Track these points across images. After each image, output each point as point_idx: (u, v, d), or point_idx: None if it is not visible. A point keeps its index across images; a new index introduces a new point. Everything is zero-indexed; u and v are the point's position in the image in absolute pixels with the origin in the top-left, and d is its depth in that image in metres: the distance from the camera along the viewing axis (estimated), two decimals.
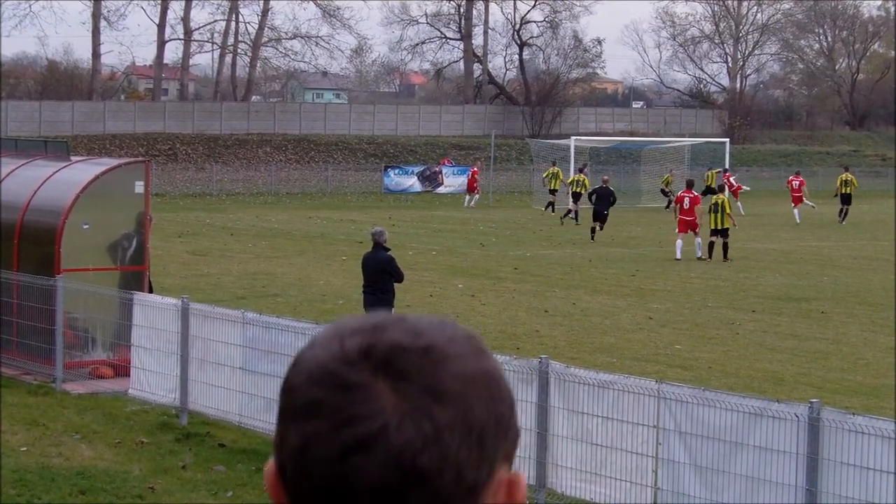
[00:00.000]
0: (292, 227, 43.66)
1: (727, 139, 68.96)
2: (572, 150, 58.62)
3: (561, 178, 53.75)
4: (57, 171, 19.57)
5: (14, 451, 13.94)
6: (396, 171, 66.99)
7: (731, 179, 51.78)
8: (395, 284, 18.65)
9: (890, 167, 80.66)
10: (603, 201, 42.20)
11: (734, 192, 49.84)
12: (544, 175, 55.64)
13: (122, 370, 17.37)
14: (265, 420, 14.78)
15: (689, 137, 74.21)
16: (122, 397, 16.71)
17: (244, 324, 15.07)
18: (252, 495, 12.67)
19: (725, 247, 34.74)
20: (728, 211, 35.13)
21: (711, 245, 34.88)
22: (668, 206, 54.06)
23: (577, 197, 48.85)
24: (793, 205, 50.09)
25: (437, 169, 67.81)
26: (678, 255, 34.84)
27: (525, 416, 12.18)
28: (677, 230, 35.63)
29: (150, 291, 18.77)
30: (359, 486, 1.37)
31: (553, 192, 53.64)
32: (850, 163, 72.57)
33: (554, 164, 55.64)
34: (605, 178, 45.16)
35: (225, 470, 13.48)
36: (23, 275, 18.33)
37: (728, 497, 10.76)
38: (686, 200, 35.73)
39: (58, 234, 18.43)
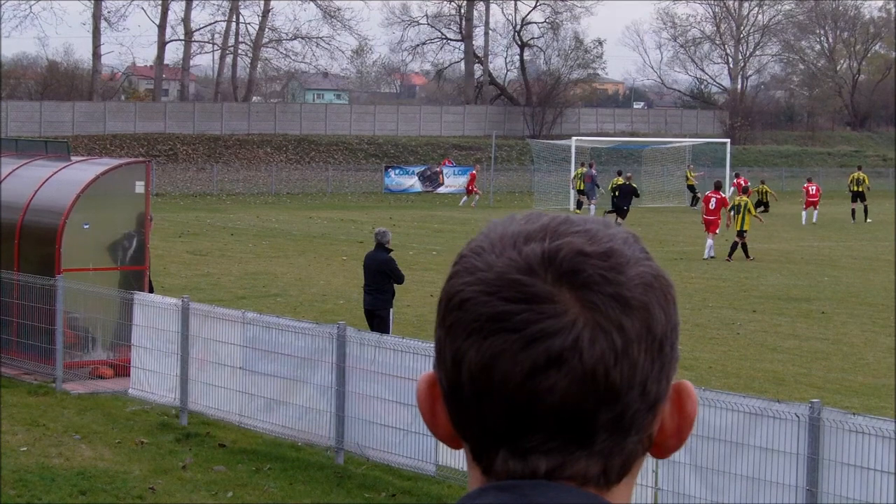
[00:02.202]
0: (293, 228, 43.65)
1: (728, 140, 68.96)
2: (573, 151, 58.63)
3: (596, 179, 54.68)
4: (57, 172, 19.57)
5: (14, 452, 13.94)
6: (397, 171, 66.97)
7: (739, 181, 51.93)
8: (396, 285, 18.70)
9: (890, 167, 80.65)
10: (625, 197, 43.26)
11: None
12: (573, 176, 55.94)
13: (122, 370, 17.37)
14: (265, 420, 14.79)
15: (689, 138, 74.24)
16: (122, 397, 16.70)
17: (244, 324, 15.06)
18: (252, 495, 12.66)
19: (741, 247, 34.94)
20: (754, 213, 35.41)
21: (735, 245, 35.10)
22: (692, 204, 54.96)
23: (581, 193, 50.21)
24: (804, 207, 50.33)
25: (437, 169, 67.80)
26: (710, 254, 35.27)
27: None
28: (705, 230, 36.17)
29: (151, 291, 18.76)
30: (549, 404, 1.31)
31: (581, 192, 54.33)
32: (852, 163, 72.57)
33: (583, 164, 56.13)
34: (629, 174, 46.65)
35: (225, 470, 13.47)
36: (23, 275, 18.33)
37: (728, 497, 10.75)
38: (713, 201, 36.20)
39: (58, 234, 18.43)
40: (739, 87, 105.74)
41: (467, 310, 1.33)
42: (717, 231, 35.57)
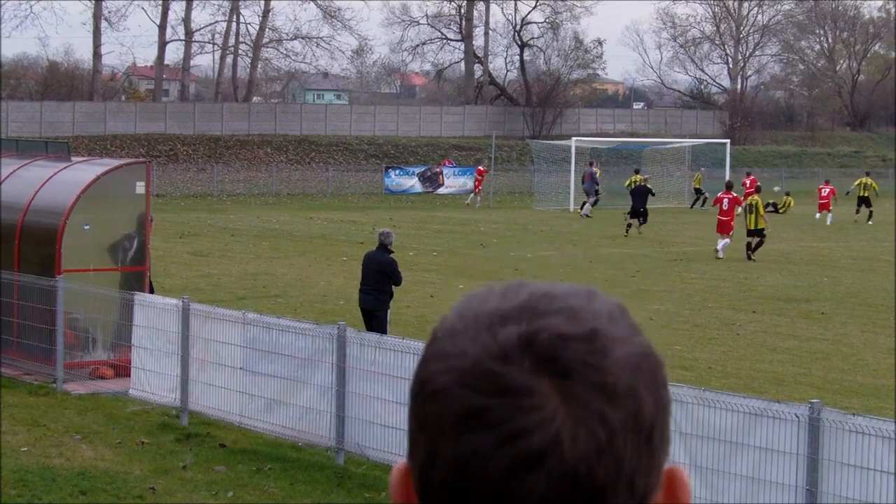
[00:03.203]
0: (293, 228, 43.66)
1: (728, 140, 69.00)
2: (573, 151, 58.65)
3: (597, 178, 55.25)
4: (58, 172, 19.58)
5: (15, 452, 13.95)
6: (397, 171, 66.97)
7: (747, 181, 52.13)
8: (394, 287, 18.71)
9: (890, 168, 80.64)
10: (638, 197, 43.37)
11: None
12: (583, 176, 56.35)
13: (122, 370, 17.38)
14: (266, 420, 14.80)
15: (689, 138, 74.26)
16: (122, 398, 16.71)
17: (245, 324, 15.08)
18: (253, 496, 12.68)
19: (759, 245, 35.04)
20: (762, 213, 35.48)
21: (749, 245, 35.17)
22: (701, 205, 55.89)
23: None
24: (818, 211, 51.17)
25: (437, 170, 67.80)
26: (720, 255, 35.44)
27: None
28: (717, 230, 36.36)
29: (151, 292, 18.78)
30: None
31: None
32: (852, 164, 72.56)
33: (591, 164, 56.51)
34: (646, 176, 47.44)
35: (226, 470, 13.48)
36: (24, 275, 18.34)
37: (728, 497, 10.76)
38: (725, 202, 36.37)
39: (59, 235, 18.44)
40: (739, 87, 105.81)
41: (440, 402, 1.25)
42: (732, 232, 35.74)
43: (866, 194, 52.05)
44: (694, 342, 21.77)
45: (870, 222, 50.71)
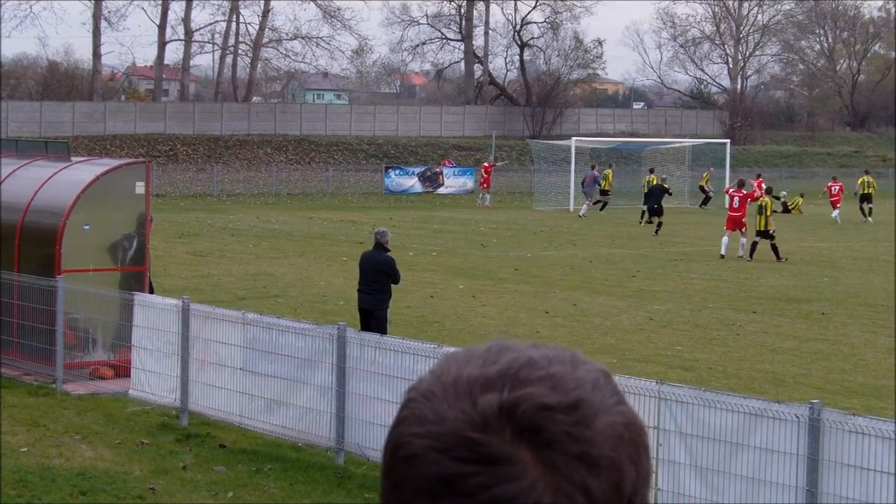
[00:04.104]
0: (293, 228, 43.66)
1: (728, 140, 68.99)
2: (573, 151, 58.66)
3: (611, 179, 56.31)
4: (58, 172, 19.58)
5: (14, 452, 13.94)
6: (397, 171, 66.97)
7: (754, 183, 52.37)
8: (393, 286, 18.67)
9: (890, 168, 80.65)
10: (653, 195, 45.28)
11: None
12: (601, 177, 57.04)
13: (122, 371, 17.37)
14: (266, 421, 14.79)
15: (689, 138, 74.24)
16: (122, 398, 16.71)
17: (245, 324, 15.07)
18: (252, 496, 12.67)
19: (774, 248, 35.06)
20: (769, 213, 35.55)
21: (754, 246, 35.20)
22: (703, 204, 56.54)
23: (604, 192, 52.67)
24: (832, 208, 52.16)
25: (437, 170, 67.79)
26: (723, 251, 35.69)
27: None
28: (725, 227, 36.50)
29: (151, 292, 18.77)
30: None
31: (605, 192, 55.77)
32: (852, 164, 72.50)
33: (610, 166, 57.73)
34: (663, 177, 49.02)
35: (225, 470, 13.48)
36: (23, 275, 18.33)
37: (728, 498, 10.76)
38: (736, 199, 36.55)
39: (58, 235, 18.44)
40: (739, 87, 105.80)
41: (416, 467, 1.21)
42: (745, 229, 35.84)
43: (868, 191, 53.46)
44: (694, 342, 21.76)
45: (870, 218, 51.61)
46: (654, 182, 48.06)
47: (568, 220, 51.02)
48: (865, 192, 53.32)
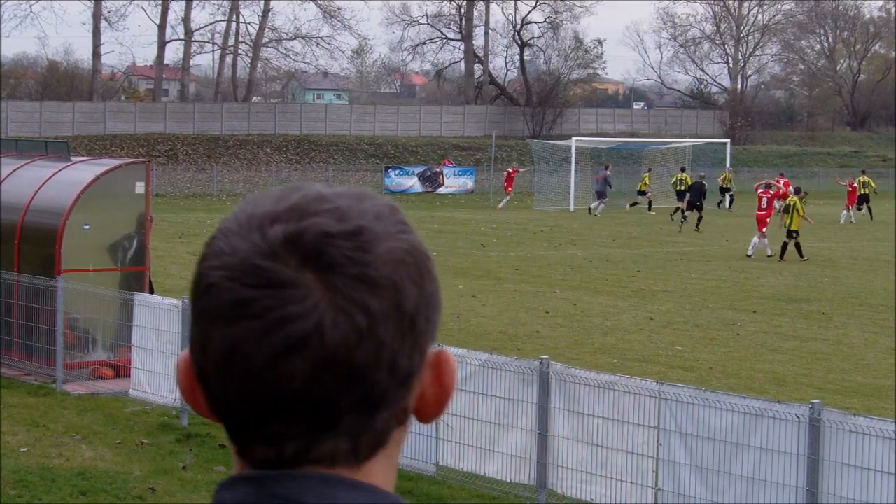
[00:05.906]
0: None
1: (728, 140, 69.01)
2: (573, 151, 58.68)
3: (648, 182, 57.12)
4: (57, 172, 19.57)
5: (14, 452, 13.94)
6: (397, 171, 66.98)
7: (780, 182, 52.49)
8: None
9: (890, 168, 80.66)
10: (695, 193, 46.88)
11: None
12: (641, 181, 58.15)
13: (122, 371, 17.37)
14: None
15: (689, 138, 74.25)
16: (122, 398, 16.71)
17: None
18: None
19: (798, 247, 35.15)
20: (802, 213, 35.60)
21: (784, 246, 35.25)
22: (721, 205, 56.81)
23: (680, 195, 52.52)
24: (851, 205, 52.57)
25: (437, 170, 67.80)
26: (749, 251, 35.96)
27: (526, 417, 12.18)
28: (757, 228, 36.74)
29: (151, 292, 18.76)
30: (291, 389, 1.30)
31: (642, 193, 56.82)
32: (852, 164, 72.47)
33: (650, 170, 59.12)
34: (702, 174, 50.08)
35: (226, 470, 13.47)
36: (23, 275, 18.33)
37: (729, 498, 10.75)
38: (764, 200, 37.19)
39: (58, 235, 18.43)
40: (739, 87, 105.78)
41: (212, 295, 1.33)
42: (765, 229, 35.94)
43: (866, 192, 53.46)
44: (694, 342, 21.76)
45: (869, 217, 51.97)
46: (689, 181, 49.52)
47: (568, 220, 51.03)
48: (863, 192, 53.26)
